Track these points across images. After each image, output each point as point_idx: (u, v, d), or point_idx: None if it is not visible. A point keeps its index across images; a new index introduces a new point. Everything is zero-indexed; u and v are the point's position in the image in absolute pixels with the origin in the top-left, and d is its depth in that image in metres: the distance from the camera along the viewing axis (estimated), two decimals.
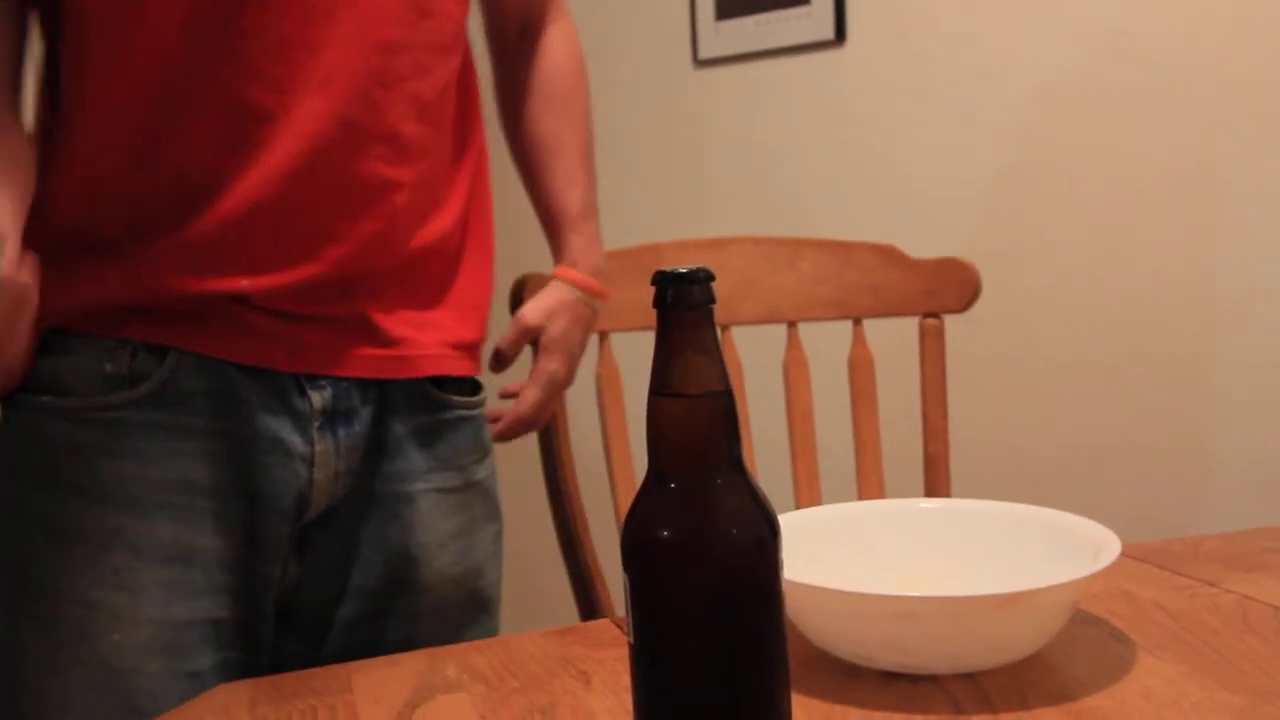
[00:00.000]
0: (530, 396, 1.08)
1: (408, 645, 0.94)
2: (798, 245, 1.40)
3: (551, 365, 1.08)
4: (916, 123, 2.01)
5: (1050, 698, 0.71)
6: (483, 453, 1.04)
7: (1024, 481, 1.89)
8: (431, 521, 0.98)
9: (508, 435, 1.09)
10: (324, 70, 0.87)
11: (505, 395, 1.11)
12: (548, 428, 1.31)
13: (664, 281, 0.53)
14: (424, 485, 0.98)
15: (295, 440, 0.90)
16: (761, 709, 0.55)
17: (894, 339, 1.48)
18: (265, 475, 0.90)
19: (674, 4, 2.32)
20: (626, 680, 0.58)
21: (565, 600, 1.36)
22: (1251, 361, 1.71)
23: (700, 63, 2.29)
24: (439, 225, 0.97)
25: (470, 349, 1.02)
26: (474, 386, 1.03)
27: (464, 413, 1.01)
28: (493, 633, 1.04)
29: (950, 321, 1.39)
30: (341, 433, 0.92)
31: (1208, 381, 1.75)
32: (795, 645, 0.78)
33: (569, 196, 1.12)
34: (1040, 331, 1.90)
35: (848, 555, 0.84)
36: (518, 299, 1.29)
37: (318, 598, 0.95)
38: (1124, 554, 0.76)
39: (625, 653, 0.57)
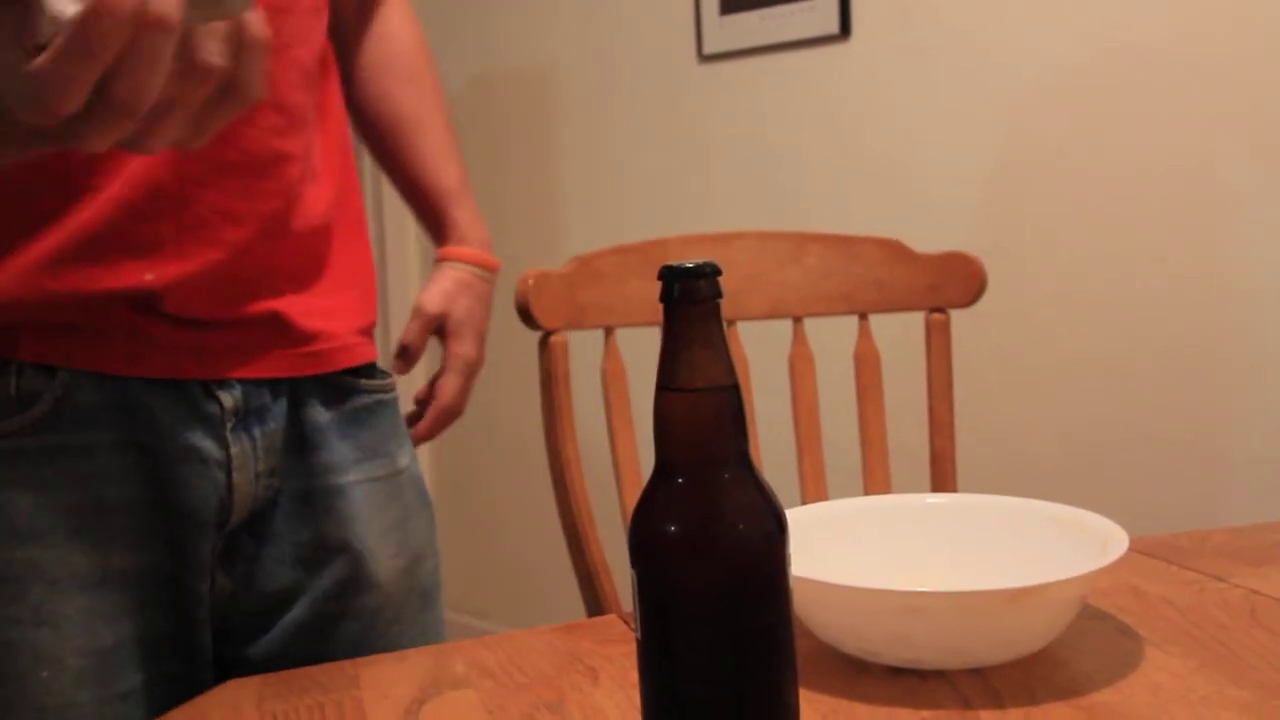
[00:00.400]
0: (451, 385, 1.04)
1: (361, 646, 0.91)
2: (803, 240, 1.40)
3: (463, 349, 1.04)
4: (921, 118, 2.01)
5: (1058, 692, 0.71)
6: (403, 438, 1.00)
7: (1030, 476, 1.89)
8: (367, 513, 0.93)
9: (434, 431, 1.05)
10: None
11: (419, 401, 1.07)
12: (552, 423, 1.31)
13: (671, 276, 0.53)
14: (355, 476, 0.93)
15: (209, 446, 0.85)
16: (770, 704, 0.55)
17: (900, 333, 1.48)
18: (182, 486, 0.85)
19: None
20: (634, 676, 0.58)
21: (568, 596, 1.36)
22: (1258, 355, 1.71)
23: (705, 57, 2.29)
24: (321, 198, 0.92)
25: (371, 332, 0.99)
26: (380, 371, 0.99)
27: (380, 397, 0.97)
28: (440, 623, 1.01)
29: (956, 316, 1.39)
30: (257, 431, 0.88)
31: (1214, 375, 1.75)
32: (802, 641, 0.77)
33: (444, 172, 1.07)
34: (1046, 326, 1.89)
35: (854, 550, 0.84)
36: (524, 310, 1.28)
37: (257, 607, 0.91)
38: (1131, 549, 0.76)
39: (633, 648, 0.57)
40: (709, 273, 0.53)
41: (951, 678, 0.73)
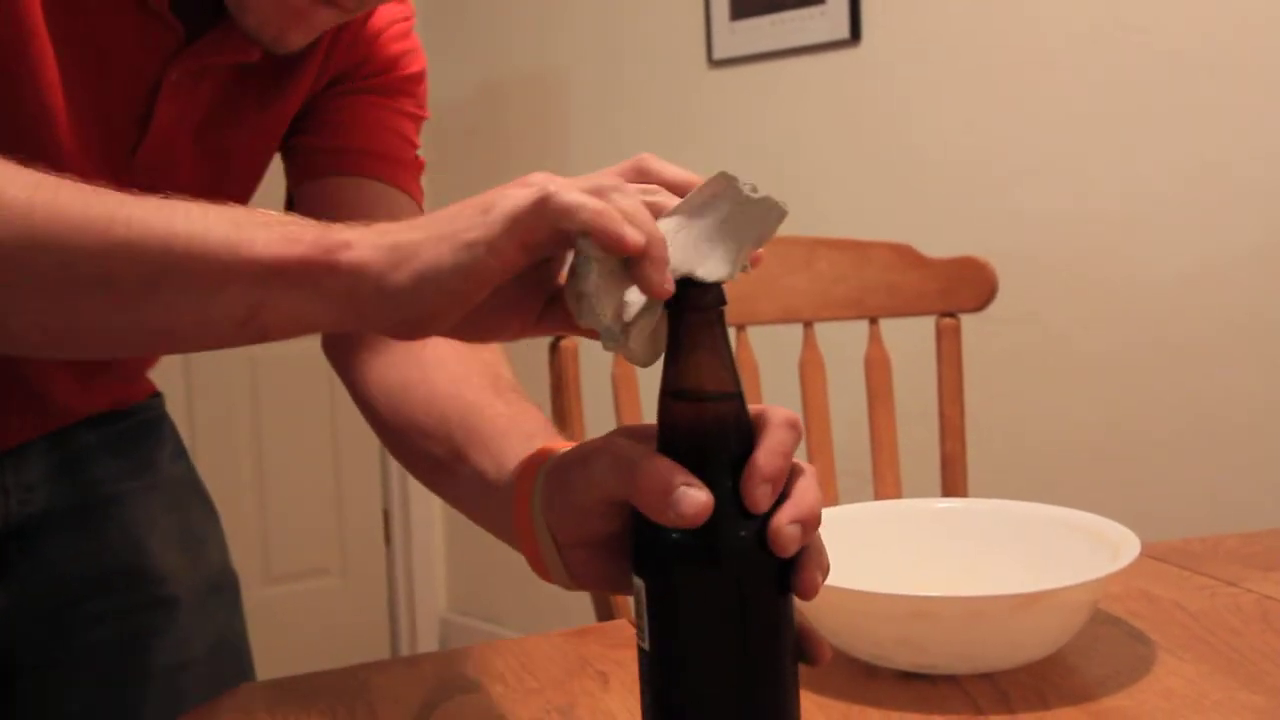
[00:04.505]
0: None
1: (155, 633, 0.94)
2: (813, 245, 1.39)
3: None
4: (931, 122, 2.00)
5: (1070, 698, 0.71)
6: (178, 450, 1.02)
7: (1041, 480, 1.89)
8: (149, 518, 0.96)
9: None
10: None
11: None
12: (562, 428, 1.31)
13: (675, 283, 0.53)
14: (130, 485, 0.96)
15: None
16: (773, 708, 0.54)
17: (910, 338, 1.48)
18: None
19: (688, 4, 2.32)
20: None
21: (577, 601, 1.36)
22: (1271, 357, 1.70)
23: (715, 63, 2.29)
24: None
25: (148, 368, 1.00)
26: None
27: (146, 416, 0.99)
28: (235, 614, 1.03)
29: (967, 321, 1.38)
30: (4, 454, 0.89)
31: (1227, 379, 1.74)
32: None
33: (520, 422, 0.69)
34: (1057, 331, 1.89)
35: (865, 555, 0.83)
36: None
37: (43, 615, 0.92)
38: (1143, 553, 0.76)
39: None
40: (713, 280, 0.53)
41: (962, 682, 0.73)
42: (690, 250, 0.53)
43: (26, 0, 0.70)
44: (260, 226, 0.54)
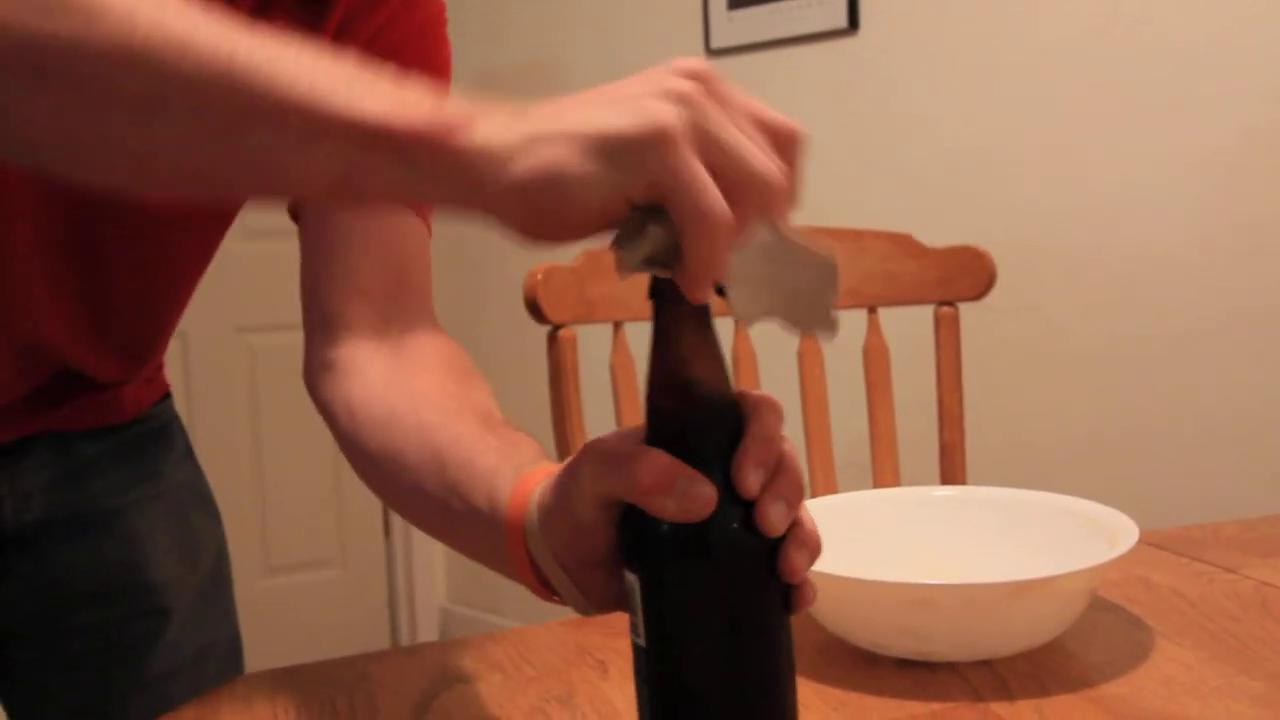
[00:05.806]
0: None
1: (152, 640, 0.94)
2: (811, 234, 1.39)
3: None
4: (930, 111, 2.00)
5: (1068, 684, 0.71)
6: (184, 454, 1.01)
7: (1040, 468, 1.89)
8: (148, 529, 0.95)
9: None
10: None
11: None
12: (561, 417, 1.31)
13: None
14: (132, 495, 0.95)
15: None
16: (768, 696, 0.54)
17: (909, 327, 1.48)
18: None
19: None
20: None
21: None
22: (1269, 347, 1.71)
23: (713, 52, 2.28)
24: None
25: (161, 367, 0.99)
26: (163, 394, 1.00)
27: (154, 424, 0.98)
28: (235, 613, 1.03)
29: (965, 309, 1.38)
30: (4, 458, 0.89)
31: (1225, 368, 1.74)
32: (812, 634, 0.78)
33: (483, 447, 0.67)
34: (1055, 320, 1.89)
35: (864, 543, 0.84)
36: (533, 305, 1.27)
37: (38, 617, 0.92)
38: (1142, 540, 0.76)
39: None
40: None
41: (961, 670, 0.73)
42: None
43: None
44: (373, 87, 0.49)
